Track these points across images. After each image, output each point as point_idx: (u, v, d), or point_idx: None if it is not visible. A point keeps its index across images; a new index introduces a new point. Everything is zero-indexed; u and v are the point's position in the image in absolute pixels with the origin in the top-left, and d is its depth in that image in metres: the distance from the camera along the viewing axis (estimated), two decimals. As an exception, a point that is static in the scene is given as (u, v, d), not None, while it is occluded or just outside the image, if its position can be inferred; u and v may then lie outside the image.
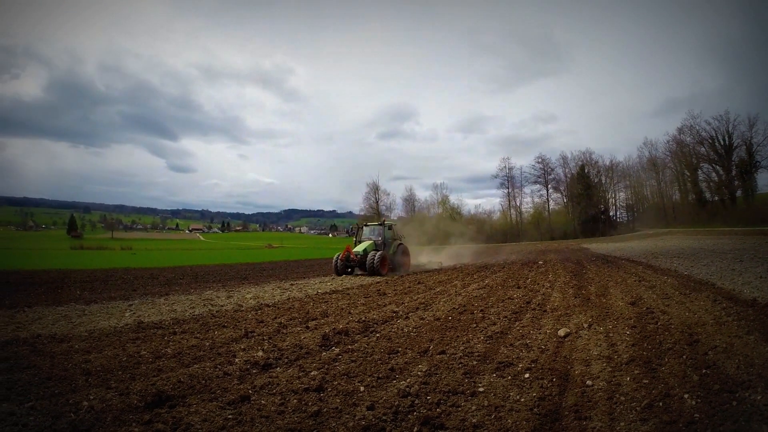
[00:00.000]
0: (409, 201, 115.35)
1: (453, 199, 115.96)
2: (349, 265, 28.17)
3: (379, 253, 27.35)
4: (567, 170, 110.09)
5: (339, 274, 27.77)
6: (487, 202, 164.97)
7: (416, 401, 5.98)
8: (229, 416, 5.82)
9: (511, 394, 6.17)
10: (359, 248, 28.43)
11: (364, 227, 32.08)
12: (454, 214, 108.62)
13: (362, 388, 6.56)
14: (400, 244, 30.82)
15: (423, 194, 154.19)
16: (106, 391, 6.91)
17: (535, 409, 5.59)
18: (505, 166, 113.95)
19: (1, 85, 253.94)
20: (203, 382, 7.15)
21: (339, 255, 28.32)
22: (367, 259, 27.10)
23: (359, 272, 28.15)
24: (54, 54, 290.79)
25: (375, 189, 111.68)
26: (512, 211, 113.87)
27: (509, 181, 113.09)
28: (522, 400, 5.93)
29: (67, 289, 20.43)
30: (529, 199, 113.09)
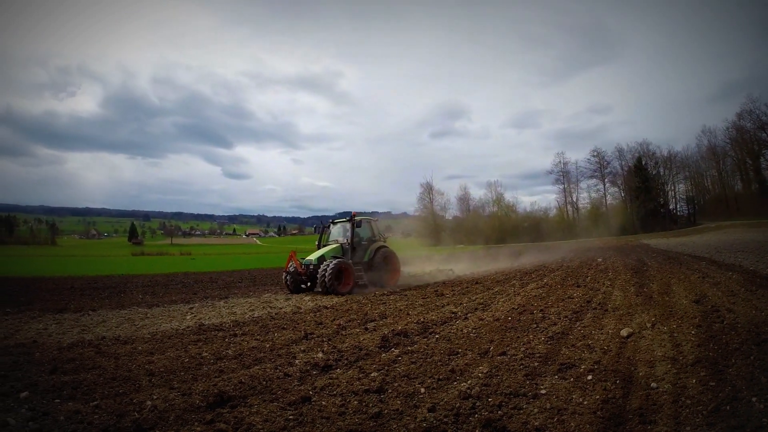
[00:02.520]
0: (464, 200, 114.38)
1: (508, 196, 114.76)
2: (303, 279, 20.97)
3: (334, 262, 19.79)
4: (623, 163, 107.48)
5: (293, 291, 20.90)
6: (543, 198, 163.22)
7: (477, 403, 5.91)
8: (290, 417, 5.84)
9: (574, 396, 6.04)
10: (314, 255, 21.13)
11: (332, 225, 23.89)
12: (509, 212, 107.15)
13: (423, 390, 6.52)
14: (381, 247, 22.68)
15: (477, 193, 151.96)
16: (169, 391, 7.02)
17: (599, 413, 5.47)
18: (559, 161, 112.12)
19: (60, 103, 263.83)
20: (264, 383, 7.20)
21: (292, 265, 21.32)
22: (318, 271, 19.79)
23: (318, 288, 20.36)
24: (107, 71, 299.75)
25: (429, 189, 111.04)
26: (568, 207, 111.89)
27: (564, 176, 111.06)
28: (585, 402, 5.81)
29: (129, 294, 20.89)
30: (585, 194, 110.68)
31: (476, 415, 5.58)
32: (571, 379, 6.69)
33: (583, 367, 7.22)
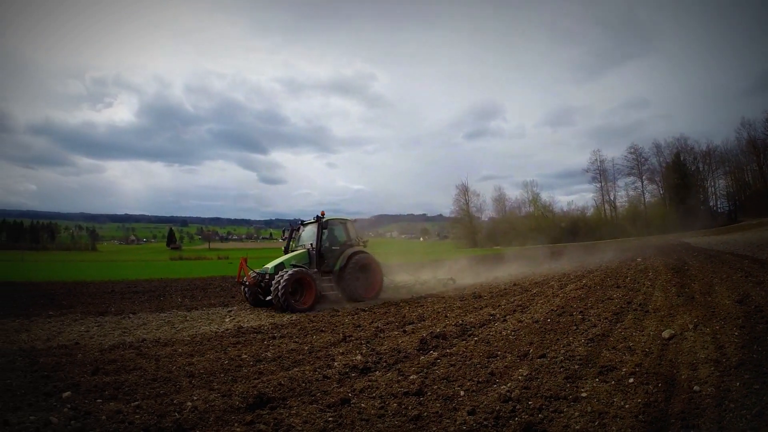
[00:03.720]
0: (500, 201, 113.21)
1: (544, 196, 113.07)
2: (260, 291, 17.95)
3: (289, 272, 16.68)
4: (661, 159, 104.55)
5: (254, 305, 18.07)
6: (580, 198, 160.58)
7: (518, 406, 5.85)
8: (330, 419, 5.86)
9: (615, 399, 5.95)
10: (271, 264, 17.97)
11: (302, 228, 20.29)
12: (546, 212, 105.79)
13: (462, 393, 6.49)
14: (357, 253, 19.20)
15: (513, 193, 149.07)
16: (209, 393, 7.11)
17: (641, 416, 5.38)
18: (596, 159, 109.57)
19: (97, 114, 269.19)
20: (303, 385, 7.24)
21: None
22: (272, 284, 16.64)
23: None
24: (142, 81, 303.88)
25: (464, 190, 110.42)
26: (606, 206, 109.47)
27: (601, 174, 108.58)
28: (626, 406, 5.72)
29: (169, 297, 21.08)
30: (623, 192, 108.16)
31: (516, 419, 5.53)
32: (613, 382, 6.59)
33: (624, 369, 7.10)
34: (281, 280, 16.29)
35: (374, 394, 6.63)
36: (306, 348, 9.86)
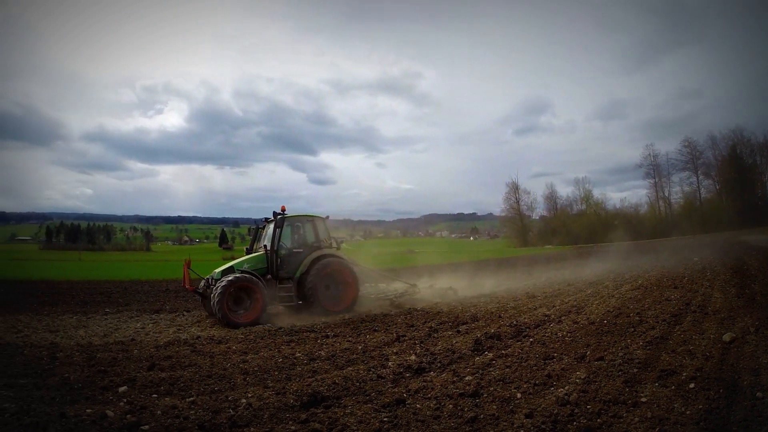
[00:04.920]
0: (551, 199, 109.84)
1: (596, 193, 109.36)
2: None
3: (228, 280, 14.33)
4: (716, 152, 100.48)
5: (211, 314, 15.33)
6: (633, 194, 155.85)
7: (576, 410, 5.76)
8: (385, 419, 5.85)
9: (676, 405, 5.81)
10: (220, 269, 15.65)
11: (267, 226, 17.33)
12: (598, 210, 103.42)
13: (519, 395, 6.41)
14: (324, 257, 16.28)
15: (565, 190, 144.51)
16: (264, 390, 7.17)
17: (702, 423, 5.26)
18: (649, 154, 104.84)
19: (149, 121, 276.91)
20: (357, 384, 7.26)
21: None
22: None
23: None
24: (191, 87, 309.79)
25: (515, 188, 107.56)
26: (660, 203, 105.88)
27: (655, 169, 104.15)
28: (687, 412, 5.58)
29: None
30: (677, 188, 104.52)
31: (574, 423, 5.45)
32: (673, 387, 6.45)
33: (684, 374, 6.93)
34: (217, 289, 14.06)
35: (429, 395, 6.60)
36: (359, 347, 9.88)
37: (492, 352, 8.87)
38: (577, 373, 7.25)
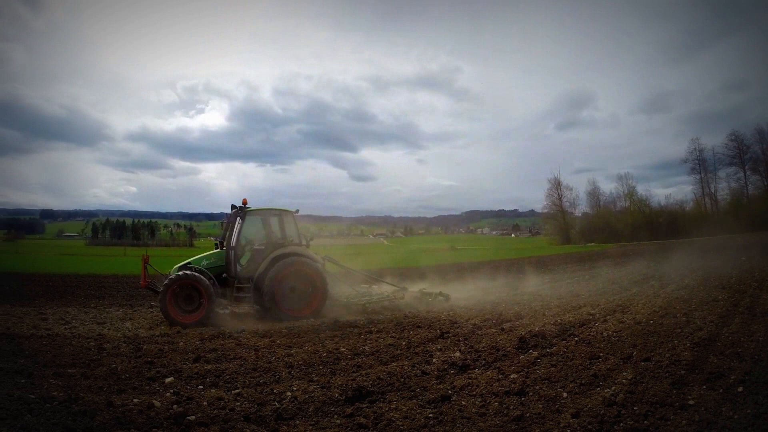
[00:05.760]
0: (594, 195, 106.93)
1: (640, 189, 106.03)
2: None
3: (170, 277, 13.88)
4: (765, 146, 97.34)
5: None
6: (679, 190, 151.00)
7: (622, 411, 5.70)
8: (430, 415, 5.87)
9: (723, 409, 5.70)
10: (178, 265, 14.82)
11: (239, 220, 15.30)
12: (642, 207, 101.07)
13: (565, 394, 6.37)
14: (286, 255, 14.84)
15: (608, 187, 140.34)
16: (308, 384, 7.25)
17: (750, 428, 5.17)
18: (694, 148, 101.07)
19: (190, 120, 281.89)
20: (402, 380, 7.29)
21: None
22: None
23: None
24: (231, 87, 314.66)
25: (557, 184, 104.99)
26: (706, 200, 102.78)
27: (700, 164, 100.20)
28: (735, 417, 5.47)
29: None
30: (724, 184, 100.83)
31: (621, 424, 5.40)
32: (721, 390, 6.32)
33: (732, 377, 6.80)
34: (162, 286, 13.76)
35: (475, 392, 6.60)
36: (403, 343, 9.90)
37: (537, 350, 8.81)
38: (624, 373, 7.17)
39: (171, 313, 13.42)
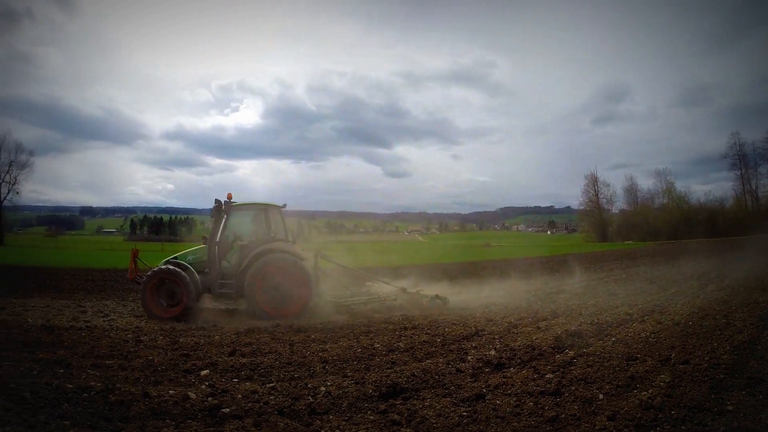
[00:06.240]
0: (631, 191, 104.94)
1: (679, 186, 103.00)
2: None
3: (152, 270, 13.98)
4: None
5: None
6: (718, 187, 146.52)
7: (659, 415, 5.60)
8: (464, 413, 5.85)
9: (763, 416, 5.58)
10: (165, 259, 14.82)
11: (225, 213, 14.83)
12: (681, 204, 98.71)
13: (601, 396, 6.29)
14: (269, 252, 14.33)
15: (645, 183, 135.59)
16: (343, 379, 7.28)
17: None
18: (735, 143, 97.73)
19: (225, 118, 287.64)
20: (436, 377, 7.27)
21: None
22: None
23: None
24: (265, 85, 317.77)
25: (593, 180, 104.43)
26: (747, 196, 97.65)
27: (741, 160, 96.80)
28: (775, 423, 5.34)
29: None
30: (766, 180, 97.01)
31: (658, 428, 5.33)
32: (761, 396, 6.20)
33: (773, 382, 6.65)
34: (146, 278, 13.72)
35: (509, 391, 6.56)
36: (438, 340, 9.83)
37: (573, 350, 8.71)
38: (662, 376, 7.05)
39: (150, 306, 13.44)
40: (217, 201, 14.62)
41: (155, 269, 13.71)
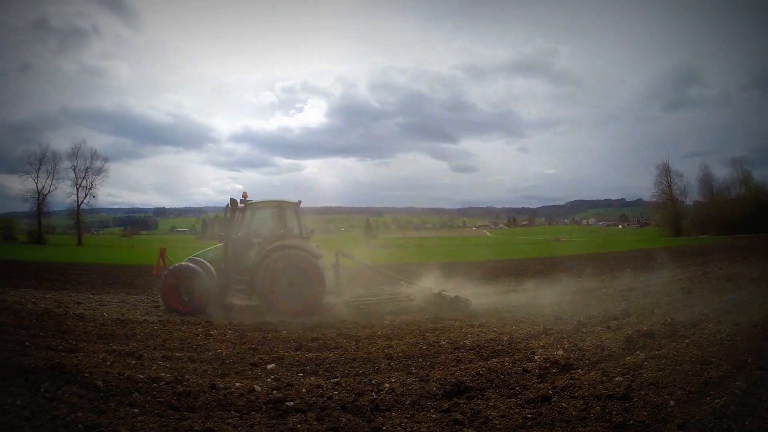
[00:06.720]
0: (706, 182, 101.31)
1: (757, 175, 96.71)
2: None
3: (174, 266, 14.47)
4: None
5: None
6: None
7: (733, 426, 5.33)
8: (528, 415, 5.74)
9: None
10: (188, 258, 15.12)
11: (247, 210, 15.25)
12: (759, 194, 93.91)
13: (672, 402, 5.99)
14: (281, 248, 14.36)
15: (721, 172, 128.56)
16: (407, 376, 7.28)
17: None
18: None
19: (290, 119, 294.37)
20: (502, 376, 7.16)
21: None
22: None
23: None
24: (328, 84, 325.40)
25: (666, 171, 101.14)
26: None
27: None
28: None
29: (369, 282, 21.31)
30: None
31: (731, 439, 5.06)
32: None
33: None
34: (165, 274, 14.24)
35: (576, 394, 6.38)
36: (505, 338, 9.70)
37: (644, 351, 8.34)
38: (737, 382, 6.70)
39: (168, 301, 13.90)
40: (232, 200, 14.95)
41: (173, 267, 14.25)
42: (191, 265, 14.18)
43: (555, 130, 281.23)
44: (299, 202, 15.92)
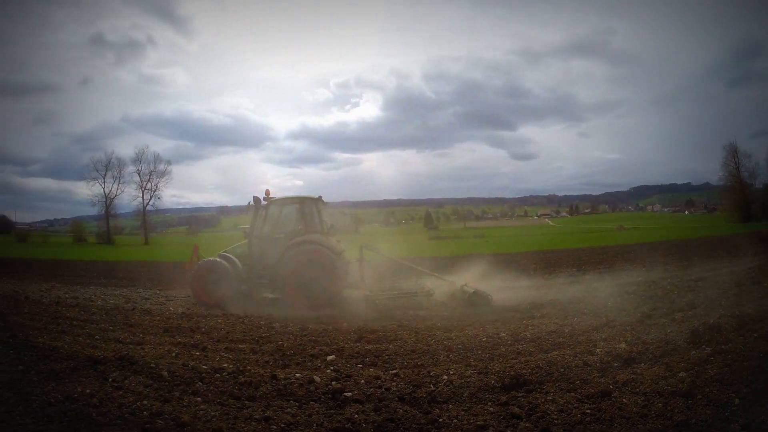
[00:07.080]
0: None
1: None
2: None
3: (204, 260, 15.38)
4: None
5: None
6: None
7: (801, 427, 5.10)
8: (587, 411, 5.62)
9: None
10: (219, 253, 15.68)
11: (271, 206, 15.73)
12: None
13: (737, 401, 5.71)
14: (301, 243, 14.81)
15: None
16: (465, 368, 7.25)
17: None
18: None
19: (346, 114, 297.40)
20: (562, 370, 7.05)
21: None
22: None
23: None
24: (382, 78, 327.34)
25: (733, 151, 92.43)
26: None
27: None
28: None
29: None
30: None
31: (798, 442, 4.87)
32: None
33: None
34: (194, 269, 15.26)
35: (638, 390, 6.20)
36: (566, 331, 9.56)
37: (710, 346, 7.96)
38: (808, 381, 6.44)
39: (198, 293, 14.73)
40: (255, 197, 15.44)
41: (201, 262, 15.34)
42: (218, 260, 14.94)
43: (615, 112, 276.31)
44: (320, 197, 16.51)
